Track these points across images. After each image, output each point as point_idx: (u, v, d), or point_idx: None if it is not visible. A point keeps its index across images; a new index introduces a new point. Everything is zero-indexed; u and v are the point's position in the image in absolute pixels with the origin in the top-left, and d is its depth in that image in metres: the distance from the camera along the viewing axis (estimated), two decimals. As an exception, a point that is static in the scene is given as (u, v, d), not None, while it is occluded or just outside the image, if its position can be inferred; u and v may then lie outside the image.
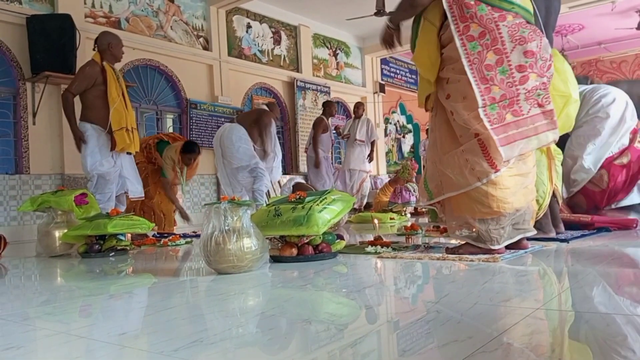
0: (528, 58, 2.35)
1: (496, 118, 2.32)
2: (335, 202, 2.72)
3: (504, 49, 2.36)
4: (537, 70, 2.37)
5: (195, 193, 7.62)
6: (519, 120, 2.34)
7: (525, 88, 2.35)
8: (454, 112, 2.48)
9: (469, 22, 2.39)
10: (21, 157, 5.88)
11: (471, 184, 2.41)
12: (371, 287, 2.09)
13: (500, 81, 2.35)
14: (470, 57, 2.38)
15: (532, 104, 2.36)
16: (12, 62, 5.89)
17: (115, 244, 3.53)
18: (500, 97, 2.34)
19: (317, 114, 9.87)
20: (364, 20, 9.41)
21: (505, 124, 2.33)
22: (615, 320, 1.29)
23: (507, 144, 2.32)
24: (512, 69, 2.35)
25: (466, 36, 2.39)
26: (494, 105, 2.33)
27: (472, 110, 2.39)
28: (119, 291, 2.23)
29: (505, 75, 2.35)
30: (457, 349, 1.11)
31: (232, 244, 2.29)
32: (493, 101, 2.34)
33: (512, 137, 2.33)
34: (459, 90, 2.46)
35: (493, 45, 2.36)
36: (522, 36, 2.36)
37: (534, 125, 2.37)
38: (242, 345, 1.27)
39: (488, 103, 2.34)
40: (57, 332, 1.48)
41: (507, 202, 2.41)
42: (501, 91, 2.35)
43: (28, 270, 3.17)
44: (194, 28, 7.96)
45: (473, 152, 2.40)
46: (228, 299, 1.88)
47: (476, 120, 2.37)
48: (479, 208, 2.43)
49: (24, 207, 3.90)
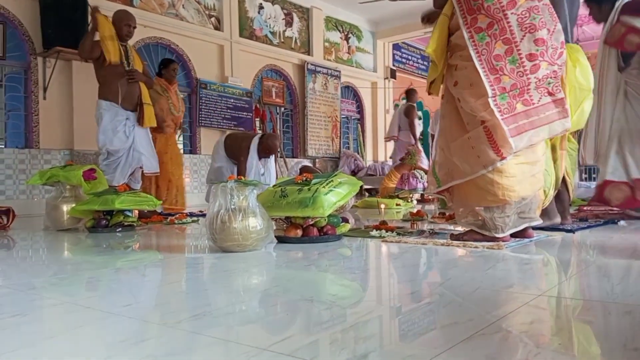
0: (539, 46, 2.32)
1: (507, 108, 2.31)
2: (341, 185, 2.72)
3: (513, 38, 2.33)
4: (548, 58, 2.34)
5: (202, 173, 7.65)
6: (529, 109, 2.33)
7: (536, 77, 2.33)
8: (461, 99, 2.46)
9: (477, 14, 2.37)
10: (31, 131, 5.91)
11: (477, 171, 2.40)
12: (374, 270, 2.10)
13: (511, 71, 2.33)
14: (478, 49, 2.36)
15: (543, 93, 2.34)
16: (24, 36, 5.90)
17: (122, 219, 3.56)
18: (510, 86, 2.32)
19: (327, 97, 9.86)
20: (378, 4, 9.33)
21: (516, 114, 2.32)
22: (615, 309, 1.29)
23: (517, 135, 2.31)
24: (523, 57, 2.33)
25: (474, 28, 2.38)
26: (504, 95, 2.32)
27: (478, 97, 2.37)
28: (125, 266, 2.25)
29: (516, 65, 2.33)
30: (458, 330, 1.12)
31: (237, 222, 2.30)
32: (503, 91, 2.32)
33: (522, 127, 2.32)
34: (466, 77, 2.44)
35: (502, 35, 2.33)
36: (532, 24, 2.33)
37: (545, 115, 2.35)
38: (245, 322, 1.29)
39: (498, 93, 2.32)
40: (63, 302, 1.50)
41: (513, 190, 2.40)
42: (511, 81, 2.32)
43: (36, 243, 3.21)
44: (205, 7, 7.91)
45: (479, 139, 2.39)
46: (232, 277, 1.90)
47: (483, 107, 2.35)
48: (485, 196, 2.43)
49: (32, 180, 3.93)
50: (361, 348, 1.03)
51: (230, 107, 8.05)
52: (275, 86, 9.12)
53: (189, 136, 7.76)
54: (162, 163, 5.00)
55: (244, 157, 5.14)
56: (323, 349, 1.06)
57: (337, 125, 10.17)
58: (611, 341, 1.07)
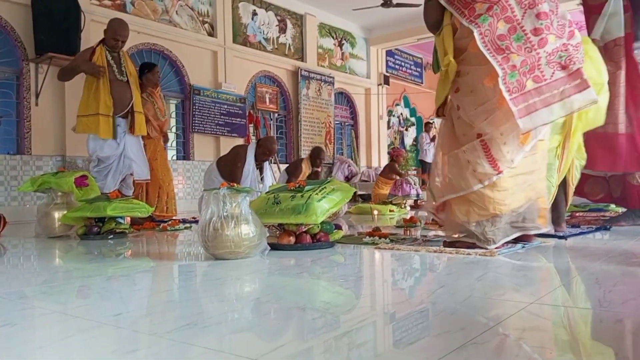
0: (542, 19, 2.23)
1: (515, 87, 2.19)
2: (334, 192, 2.72)
3: (514, 17, 2.25)
4: (554, 31, 2.24)
5: (195, 179, 7.63)
6: (541, 86, 2.20)
7: (545, 51, 2.21)
8: (461, 107, 2.42)
9: (472, 4, 2.32)
10: (23, 137, 5.88)
11: (472, 186, 2.35)
12: (367, 277, 2.09)
13: (518, 48, 2.23)
14: (481, 30, 2.26)
15: (555, 68, 2.21)
16: (16, 42, 5.87)
17: (114, 226, 3.54)
18: (521, 63, 2.21)
19: (320, 103, 9.87)
20: (371, 11, 9.36)
21: (526, 92, 2.19)
22: (607, 317, 1.30)
23: (527, 114, 2.18)
24: (528, 33, 2.23)
25: (473, 16, 2.31)
26: (514, 73, 2.20)
27: (478, 105, 2.33)
28: (117, 273, 2.24)
29: (522, 42, 2.23)
30: (450, 339, 1.12)
31: (230, 230, 2.29)
32: (513, 69, 2.21)
33: (532, 106, 2.18)
34: (467, 83, 2.40)
35: (503, 14, 2.26)
36: (532, 0, 2.26)
37: (558, 91, 2.21)
38: (237, 330, 1.28)
39: (508, 71, 2.21)
40: (53, 311, 1.48)
41: (504, 204, 2.36)
42: (521, 57, 2.21)
43: (27, 250, 3.19)
44: (199, 13, 7.92)
45: (475, 153, 2.34)
46: (224, 285, 1.89)
47: (483, 116, 2.31)
48: (475, 210, 2.39)
49: (24, 187, 3.90)
50: (354, 355, 1.03)
51: (223, 113, 8.05)
52: (269, 92, 9.13)
53: (182, 142, 7.74)
54: (152, 169, 4.98)
55: (240, 163, 5.11)
56: (316, 357, 1.06)
57: (331, 131, 10.18)
58: (603, 349, 1.07)
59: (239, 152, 5.19)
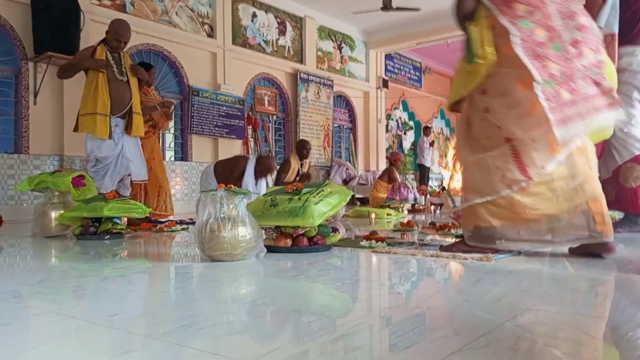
0: (582, 32, 2.19)
1: (553, 95, 2.12)
2: (332, 195, 2.72)
3: (554, 25, 2.19)
4: (592, 45, 2.20)
5: (193, 180, 7.62)
6: (576, 99, 2.14)
7: (582, 64, 2.16)
8: (490, 110, 2.32)
9: (513, 3, 2.24)
10: (21, 136, 5.87)
11: (499, 191, 2.29)
12: (363, 281, 2.09)
13: (556, 57, 2.16)
14: (521, 33, 2.18)
15: (589, 83, 2.16)
16: (15, 41, 5.87)
17: (110, 227, 3.53)
18: (559, 73, 2.14)
19: (319, 106, 9.88)
20: (371, 15, 9.38)
21: (562, 103, 2.13)
22: (603, 325, 1.30)
23: (564, 125, 2.11)
24: (566, 44, 2.18)
25: (514, 17, 2.23)
26: (551, 81, 2.13)
27: (510, 109, 2.23)
28: (113, 274, 2.23)
29: (560, 52, 2.17)
30: (445, 344, 1.11)
31: (226, 231, 2.29)
32: (551, 77, 2.14)
33: (569, 118, 2.12)
34: (496, 85, 2.30)
35: (543, 21, 2.20)
36: (572, 11, 2.22)
37: (592, 106, 2.15)
38: (232, 333, 1.28)
39: (546, 79, 2.14)
40: (48, 311, 1.48)
41: (536, 209, 2.28)
42: (559, 67, 2.15)
43: (23, 250, 3.18)
44: (199, 15, 7.92)
45: (504, 158, 2.27)
46: (220, 286, 1.89)
47: (514, 120, 2.22)
48: (505, 214, 2.33)
49: (21, 186, 3.89)
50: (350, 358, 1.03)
51: (222, 115, 8.04)
52: (268, 94, 9.13)
53: (181, 143, 7.74)
54: (151, 169, 4.98)
55: (237, 174, 5.09)
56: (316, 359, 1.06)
57: (329, 134, 10.19)
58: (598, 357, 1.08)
59: (238, 164, 5.19)
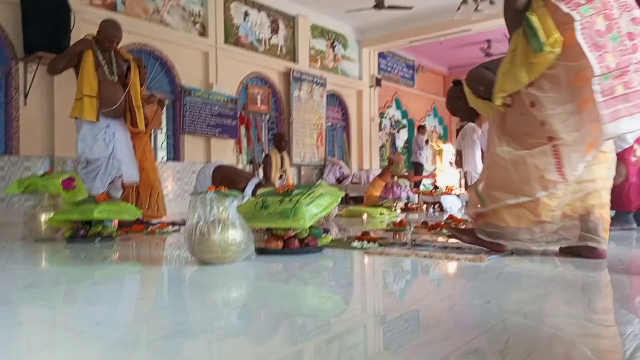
0: (637, 25, 2.15)
1: (607, 90, 2.07)
2: (323, 196, 2.71)
3: (612, 15, 2.14)
4: None
5: (186, 180, 7.59)
6: (629, 93, 2.08)
7: (636, 58, 2.11)
8: (536, 104, 2.25)
9: None
10: (11, 137, 5.82)
11: (535, 193, 2.25)
12: (355, 283, 2.09)
13: (613, 48, 2.10)
14: (583, 21, 2.12)
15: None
16: (5, 41, 5.81)
17: (101, 230, 3.51)
18: (615, 65, 2.09)
19: (312, 105, 9.87)
20: (363, 13, 9.38)
21: (615, 97, 2.07)
22: (592, 328, 1.30)
23: (613, 120, 2.07)
24: (623, 36, 2.13)
25: (574, 3, 2.17)
26: (607, 75, 2.08)
27: (559, 106, 2.19)
28: (102, 278, 2.21)
29: (617, 42, 2.11)
30: (433, 349, 1.11)
31: (216, 234, 2.27)
32: (607, 70, 2.08)
33: (617, 113, 2.07)
34: (549, 79, 2.24)
35: (603, 9, 2.14)
36: (627, 2, 2.18)
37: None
38: (224, 337, 1.27)
39: (604, 72, 2.09)
40: (35, 319, 1.47)
41: (553, 210, 2.28)
42: (615, 59, 2.09)
43: (13, 253, 3.15)
44: (190, 13, 7.88)
45: (545, 159, 2.22)
46: (210, 290, 1.88)
47: (561, 118, 2.18)
48: (528, 216, 2.31)
49: (10, 189, 3.86)
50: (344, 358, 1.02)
51: (214, 114, 8.01)
52: (261, 93, 9.11)
53: (173, 143, 7.70)
54: (143, 170, 4.94)
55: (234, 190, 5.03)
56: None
57: (323, 133, 10.17)
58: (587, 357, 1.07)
59: (239, 181, 5.15)
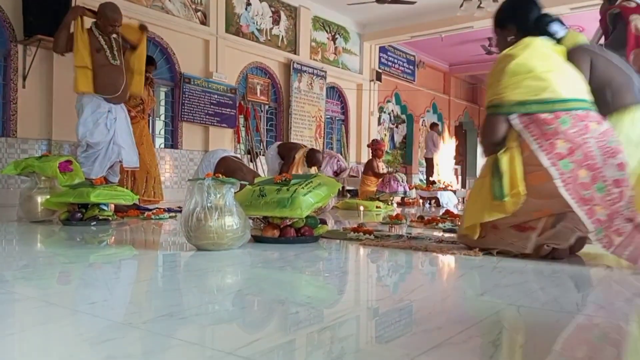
0: (622, 171, 2.09)
1: (607, 243, 2.04)
2: (320, 187, 2.72)
3: (595, 164, 2.08)
4: (629, 183, 2.11)
5: (183, 168, 7.58)
6: (623, 241, 2.03)
7: (621, 205, 2.05)
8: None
9: (553, 138, 2.12)
10: (9, 120, 5.80)
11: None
12: (349, 273, 2.09)
13: (601, 199, 2.05)
14: (564, 177, 2.08)
15: (624, 221, 2.05)
16: (5, 23, 5.78)
17: (97, 213, 3.50)
18: (606, 217, 2.04)
19: (312, 97, 9.85)
20: (366, 6, 9.35)
21: (618, 245, 2.02)
22: (583, 322, 1.31)
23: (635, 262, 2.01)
24: (610, 185, 2.07)
25: (554, 154, 2.11)
26: (600, 229, 2.04)
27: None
28: (98, 261, 2.22)
29: (604, 193, 2.06)
30: (426, 338, 1.12)
31: (213, 221, 2.28)
32: (600, 224, 2.04)
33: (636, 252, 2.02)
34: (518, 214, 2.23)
35: (585, 161, 2.08)
36: (611, 147, 2.11)
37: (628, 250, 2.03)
38: (216, 322, 1.27)
39: (598, 226, 2.04)
40: (29, 298, 1.47)
41: None
42: (606, 211, 2.04)
43: (9, 234, 3.15)
44: (192, 1, 7.84)
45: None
46: (205, 276, 1.88)
47: None
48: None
49: (7, 170, 3.85)
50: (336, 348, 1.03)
51: (213, 103, 8.00)
52: (260, 84, 9.09)
53: (171, 131, 7.69)
54: (139, 154, 4.94)
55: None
56: (296, 351, 1.05)
57: (321, 125, 10.17)
58: (578, 353, 1.08)
59: (244, 180, 5.13)
